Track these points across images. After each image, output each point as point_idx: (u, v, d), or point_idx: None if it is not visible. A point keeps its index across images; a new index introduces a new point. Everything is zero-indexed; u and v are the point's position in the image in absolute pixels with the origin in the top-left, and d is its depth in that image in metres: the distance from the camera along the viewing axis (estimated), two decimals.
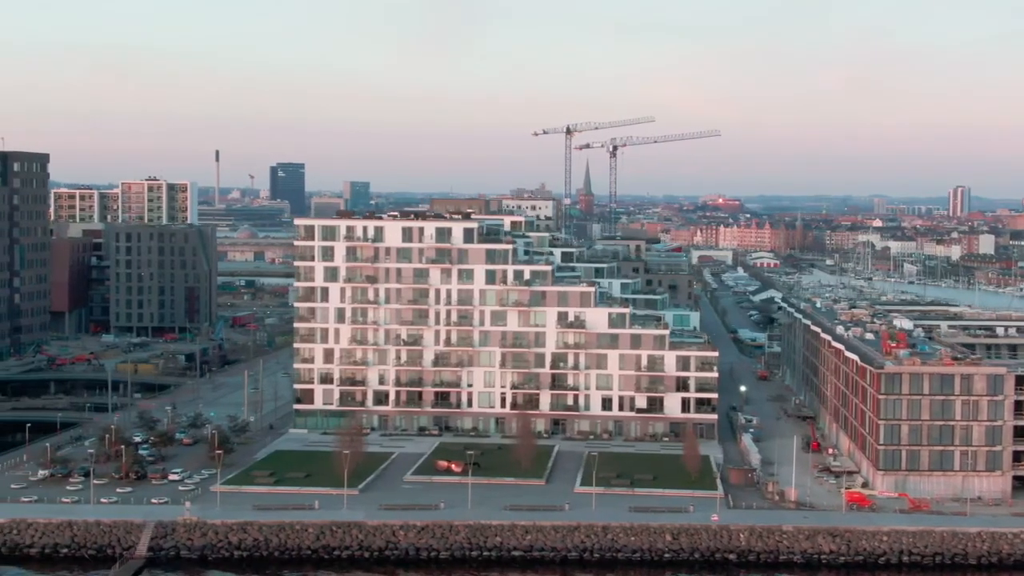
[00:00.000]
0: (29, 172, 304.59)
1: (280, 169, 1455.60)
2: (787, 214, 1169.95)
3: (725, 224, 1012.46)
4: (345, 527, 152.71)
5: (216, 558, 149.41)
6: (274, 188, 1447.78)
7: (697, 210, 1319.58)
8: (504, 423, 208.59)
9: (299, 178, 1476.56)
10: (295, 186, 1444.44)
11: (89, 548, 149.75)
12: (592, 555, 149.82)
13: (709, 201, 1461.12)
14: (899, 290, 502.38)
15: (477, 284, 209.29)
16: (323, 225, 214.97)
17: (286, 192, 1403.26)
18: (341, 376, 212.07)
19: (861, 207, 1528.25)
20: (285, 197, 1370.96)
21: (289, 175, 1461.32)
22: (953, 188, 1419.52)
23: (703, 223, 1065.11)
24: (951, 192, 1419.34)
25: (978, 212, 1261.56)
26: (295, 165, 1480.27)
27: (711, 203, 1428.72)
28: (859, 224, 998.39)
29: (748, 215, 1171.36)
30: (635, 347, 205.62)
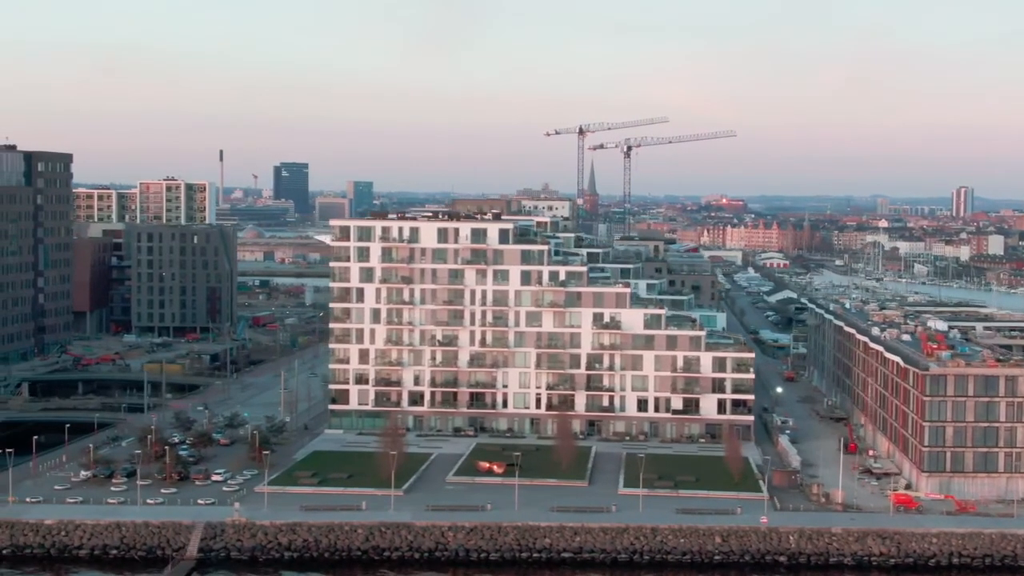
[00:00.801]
0: (53, 172, 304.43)
1: (284, 169, 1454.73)
2: (792, 214, 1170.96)
3: (731, 224, 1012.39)
4: (394, 528, 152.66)
5: (266, 559, 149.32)
6: (277, 187, 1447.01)
7: (701, 210, 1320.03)
8: (539, 424, 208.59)
9: (303, 178, 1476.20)
10: (299, 186, 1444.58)
11: (139, 549, 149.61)
12: (642, 557, 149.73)
13: (713, 201, 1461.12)
14: (912, 291, 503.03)
15: (512, 285, 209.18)
16: (359, 226, 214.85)
17: (289, 192, 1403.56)
18: (376, 377, 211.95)
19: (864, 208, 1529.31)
20: (288, 197, 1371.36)
21: (293, 175, 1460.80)
22: (956, 188, 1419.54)
23: (708, 223, 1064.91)
24: (954, 192, 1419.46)
25: (982, 212, 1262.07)
26: (299, 165, 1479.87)
27: (715, 203, 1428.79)
28: (864, 224, 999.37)
29: (753, 215, 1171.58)
30: (671, 348, 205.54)
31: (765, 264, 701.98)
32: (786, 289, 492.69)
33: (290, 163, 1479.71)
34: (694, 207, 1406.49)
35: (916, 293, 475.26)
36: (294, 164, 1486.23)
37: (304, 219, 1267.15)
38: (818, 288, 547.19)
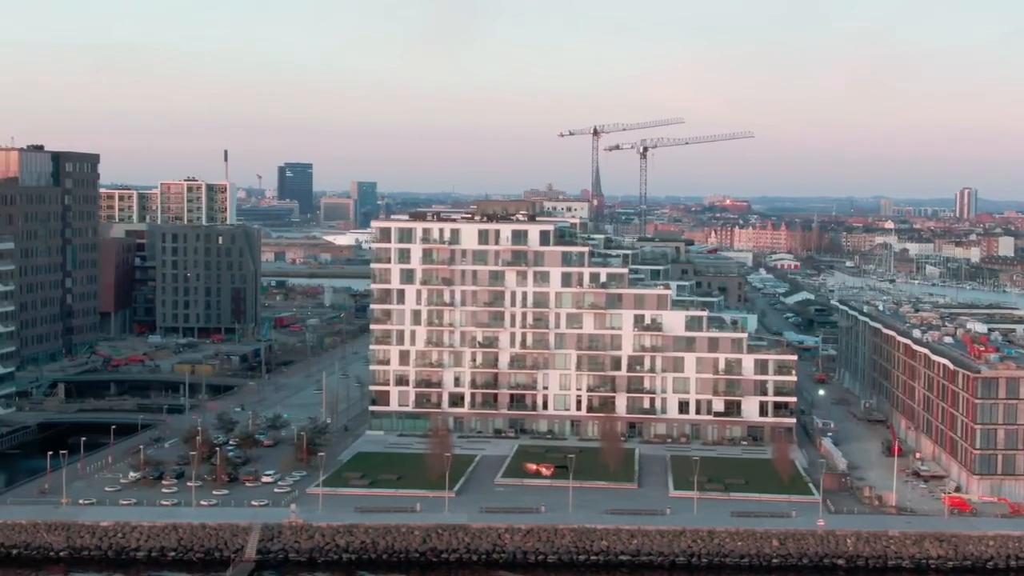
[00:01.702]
0: (80, 172, 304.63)
1: (288, 169, 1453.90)
2: (797, 215, 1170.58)
3: (738, 225, 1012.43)
4: (450, 530, 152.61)
5: (325, 561, 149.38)
6: (282, 188, 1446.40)
7: (705, 211, 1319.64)
8: (580, 426, 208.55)
9: (307, 178, 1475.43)
10: (303, 186, 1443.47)
11: (196, 551, 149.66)
12: (699, 560, 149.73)
13: (716, 202, 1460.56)
14: (926, 292, 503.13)
15: (553, 286, 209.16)
16: (399, 227, 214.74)
17: (293, 192, 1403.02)
18: (417, 378, 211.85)
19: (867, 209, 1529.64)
20: (292, 197, 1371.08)
21: (297, 175, 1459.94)
22: (960, 190, 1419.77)
23: (714, 224, 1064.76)
24: (958, 194, 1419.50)
25: (987, 214, 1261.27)
26: (303, 165, 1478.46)
27: (719, 204, 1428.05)
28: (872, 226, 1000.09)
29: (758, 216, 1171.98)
30: (712, 350, 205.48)
31: (776, 265, 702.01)
32: (803, 291, 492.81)
33: (294, 163, 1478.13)
34: (698, 208, 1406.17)
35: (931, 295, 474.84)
36: (298, 164, 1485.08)
37: (308, 219, 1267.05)
38: (832, 289, 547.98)
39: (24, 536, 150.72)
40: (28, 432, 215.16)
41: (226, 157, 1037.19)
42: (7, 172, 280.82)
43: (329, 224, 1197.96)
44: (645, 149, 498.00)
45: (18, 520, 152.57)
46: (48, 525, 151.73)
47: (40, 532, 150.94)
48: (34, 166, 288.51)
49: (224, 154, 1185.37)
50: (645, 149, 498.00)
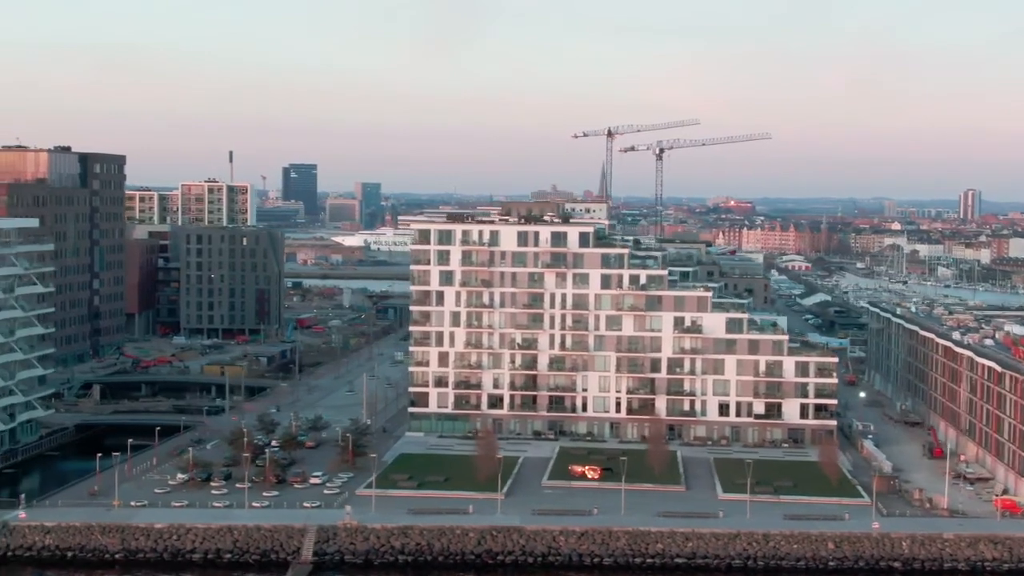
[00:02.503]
0: (107, 174, 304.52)
1: (293, 170, 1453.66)
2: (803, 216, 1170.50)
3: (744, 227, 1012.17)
4: (505, 532, 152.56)
5: (381, 563, 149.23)
6: (286, 188, 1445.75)
7: (710, 212, 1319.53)
8: (619, 428, 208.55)
9: (311, 179, 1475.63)
10: (307, 187, 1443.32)
11: (252, 553, 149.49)
12: (755, 563, 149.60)
13: (721, 204, 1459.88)
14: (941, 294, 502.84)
15: (592, 288, 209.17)
16: (439, 229, 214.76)
17: (298, 193, 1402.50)
18: (456, 379, 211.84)
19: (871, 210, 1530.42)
20: (297, 198, 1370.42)
21: (301, 176, 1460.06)
22: (964, 191, 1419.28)
23: (720, 225, 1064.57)
24: (962, 195, 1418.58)
25: (991, 215, 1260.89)
26: (307, 166, 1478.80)
27: (723, 205, 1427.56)
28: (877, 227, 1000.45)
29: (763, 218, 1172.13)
30: (753, 352, 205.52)
31: (787, 267, 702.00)
32: (819, 292, 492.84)
33: (298, 164, 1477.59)
34: (702, 209, 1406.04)
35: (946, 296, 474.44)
36: (302, 165, 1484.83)
37: (313, 220, 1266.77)
38: (846, 291, 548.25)
39: (79, 538, 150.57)
40: (66, 433, 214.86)
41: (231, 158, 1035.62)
42: (36, 173, 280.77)
43: (335, 225, 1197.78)
44: (661, 151, 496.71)
45: (72, 522, 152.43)
46: (102, 527, 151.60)
47: (95, 534, 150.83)
48: (63, 167, 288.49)
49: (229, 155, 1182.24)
50: (661, 151, 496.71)
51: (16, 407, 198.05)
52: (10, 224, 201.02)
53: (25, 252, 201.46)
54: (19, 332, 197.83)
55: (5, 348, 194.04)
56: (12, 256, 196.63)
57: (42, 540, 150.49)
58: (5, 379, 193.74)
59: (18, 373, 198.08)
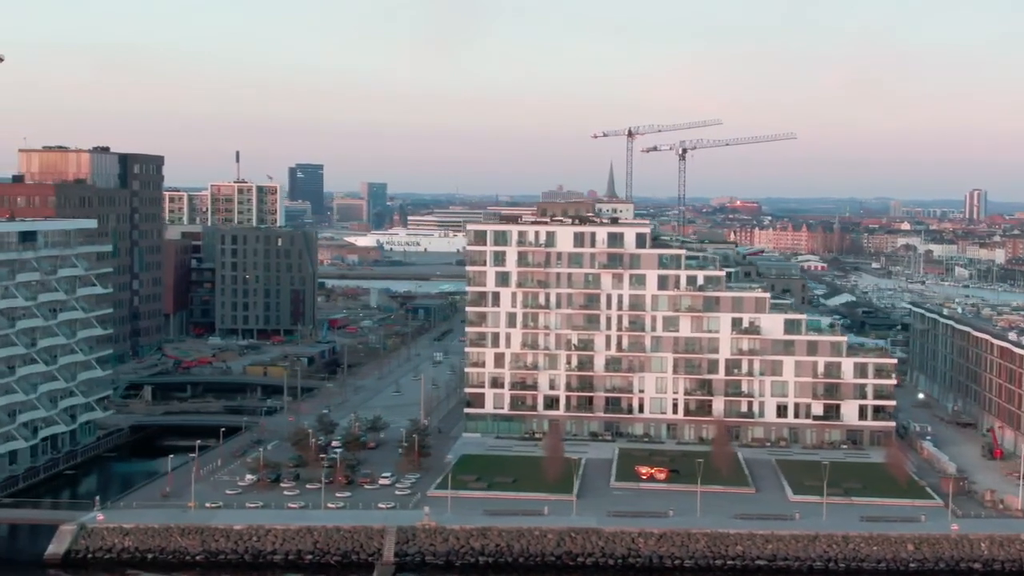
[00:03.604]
0: (146, 174, 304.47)
1: (299, 170, 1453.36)
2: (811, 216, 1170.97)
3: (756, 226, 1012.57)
4: (584, 534, 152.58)
5: (462, 564, 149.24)
6: (293, 189, 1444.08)
7: (716, 212, 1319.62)
8: (676, 429, 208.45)
9: (318, 179, 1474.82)
10: (314, 187, 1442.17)
11: (333, 554, 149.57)
12: (836, 565, 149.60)
13: (727, 203, 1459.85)
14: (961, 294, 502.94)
15: (649, 289, 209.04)
16: (495, 230, 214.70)
17: (305, 193, 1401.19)
18: (512, 380, 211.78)
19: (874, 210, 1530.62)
20: (304, 198, 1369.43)
21: (308, 176, 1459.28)
22: (970, 191, 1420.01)
23: (729, 225, 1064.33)
24: (968, 195, 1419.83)
25: (998, 215, 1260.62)
26: (314, 166, 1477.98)
27: (729, 206, 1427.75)
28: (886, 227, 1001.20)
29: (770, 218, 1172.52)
30: (811, 354, 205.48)
31: (804, 267, 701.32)
32: (843, 293, 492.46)
33: (305, 164, 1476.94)
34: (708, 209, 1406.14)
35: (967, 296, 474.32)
36: (309, 165, 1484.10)
37: (320, 220, 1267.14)
38: (866, 291, 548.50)
39: (158, 540, 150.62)
40: (121, 434, 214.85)
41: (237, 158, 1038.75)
42: (78, 173, 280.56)
43: (342, 225, 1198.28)
44: (684, 151, 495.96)
45: (150, 524, 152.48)
46: (181, 529, 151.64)
47: (174, 536, 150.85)
48: (104, 168, 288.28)
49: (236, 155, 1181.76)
50: (684, 151, 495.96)
51: (77, 408, 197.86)
52: (71, 225, 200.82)
53: (84, 253, 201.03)
54: (80, 333, 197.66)
55: (67, 349, 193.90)
56: (73, 257, 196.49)
57: (121, 542, 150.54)
58: (67, 380, 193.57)
59: (79, 374, 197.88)
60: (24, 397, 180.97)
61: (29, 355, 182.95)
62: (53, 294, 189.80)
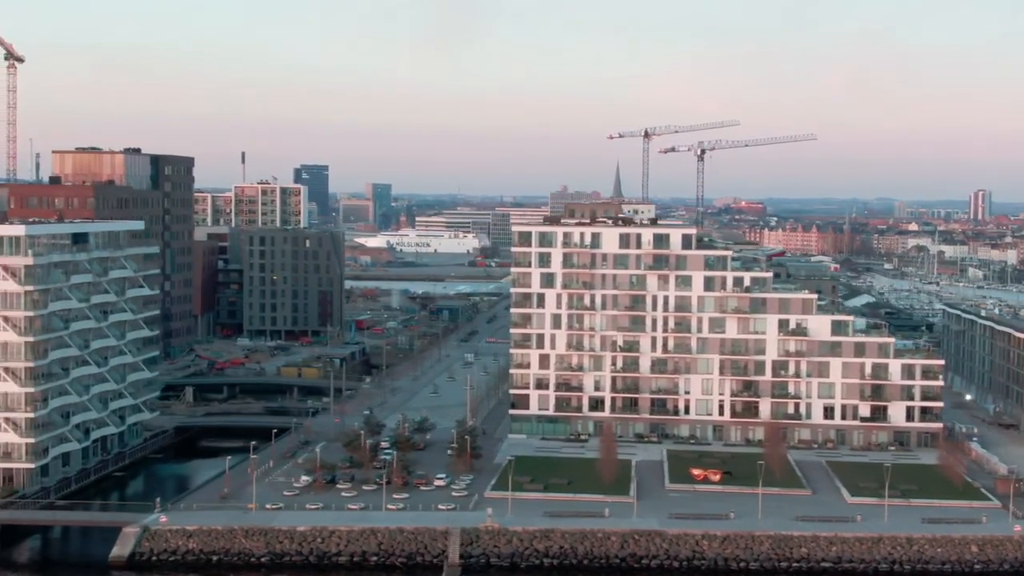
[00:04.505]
0: (178, 175, 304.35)
1: (304, 171, 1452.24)
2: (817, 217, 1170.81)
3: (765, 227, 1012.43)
4: (647, 536, 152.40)
5: (527, 566, 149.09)
6: None
7: (722, 213, 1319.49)
8: (722, 431, 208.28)
9: (323, 180, 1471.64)
10: (319, 188, 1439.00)
11: (398, 556, 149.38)
12: (901, 567, 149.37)
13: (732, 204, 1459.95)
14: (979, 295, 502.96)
15: (695, 290, 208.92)
16: (540, 231, 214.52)
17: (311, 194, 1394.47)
18: (557, 381, 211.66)
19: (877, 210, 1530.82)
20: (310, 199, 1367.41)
21: (313, 177, 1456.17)
22: (974, 192, 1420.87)
23: (736, 226, 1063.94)
24: (972, 196, 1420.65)
25: (1004, 216, 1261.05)
26: (319, 167, 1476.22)
27: (734, 206, 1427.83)
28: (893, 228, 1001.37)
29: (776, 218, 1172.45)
30: (859, 355, 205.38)
31: None
32: (862, 294, 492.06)
33: (310, 165, 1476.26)
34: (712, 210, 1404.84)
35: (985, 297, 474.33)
36: (314, 166, 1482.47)
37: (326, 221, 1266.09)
38: (882, 292, 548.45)
39: (222, 542, 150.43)
40: (166, 436, 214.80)
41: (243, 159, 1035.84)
42: (112, 175, 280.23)
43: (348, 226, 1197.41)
44: (703, 151, 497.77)
45: (213, 526, 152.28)
46: (245, 530, 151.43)
47: (238, 537, 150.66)
48: (136, 169, 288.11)
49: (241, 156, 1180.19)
50: (703, 151, 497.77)
51: (126, 410, 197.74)
52: (120, 227, 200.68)
53: (133, 255, 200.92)
54: (129, 335, 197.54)
55: (116, 351, 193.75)
56: (123, 258, 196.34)
57: (185, 544, 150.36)
58: (117, 382, 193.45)
59: (128, 376, 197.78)
60: (77, 399, 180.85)
61: (82, 357, 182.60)
62: (104, 296, 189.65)
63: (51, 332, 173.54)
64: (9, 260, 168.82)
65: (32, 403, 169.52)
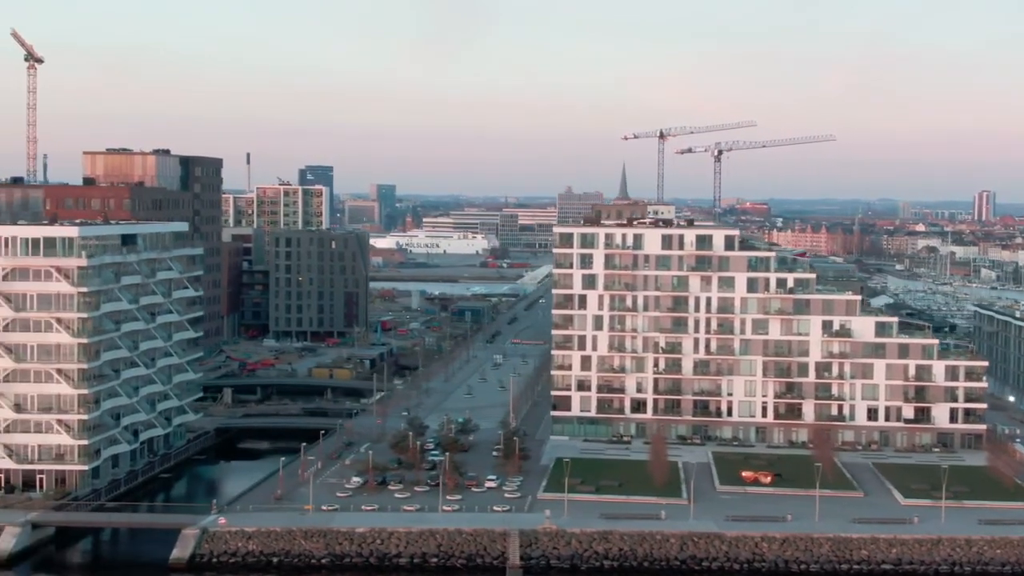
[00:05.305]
0: (207, 177, 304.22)
1: (309, 172, 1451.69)
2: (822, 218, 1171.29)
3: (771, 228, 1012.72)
4: (706, 538, 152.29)
5: (587, 568, 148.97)
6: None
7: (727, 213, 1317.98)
8: (766, 432, 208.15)
9: (328, 181, 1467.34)
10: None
11: (458, 557, 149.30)
12: (961, 569, 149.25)
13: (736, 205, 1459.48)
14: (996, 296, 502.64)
15: (738, 292, 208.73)
16: (582, 233, 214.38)
17: None
18: (599, 383, 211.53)
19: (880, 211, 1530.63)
20: None
21: (318, 177, 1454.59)
22: (978, 192, 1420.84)
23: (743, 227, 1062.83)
24: (976, 196, 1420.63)
25: (1009, 216, 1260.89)
26: (324, 168, 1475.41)
27: (739, 207, 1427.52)
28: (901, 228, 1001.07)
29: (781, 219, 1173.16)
30: (902, 356, 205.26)
31: None
32: (881, 295, 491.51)
33: (315, 166, 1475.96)
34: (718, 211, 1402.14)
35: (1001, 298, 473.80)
36: (319, 167, 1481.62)
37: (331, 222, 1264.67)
38: (897, 292, 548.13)
39: (282, 543, 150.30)
40: (208, 437, 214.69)
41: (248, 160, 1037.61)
42: (143, 176, 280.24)
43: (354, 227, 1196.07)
44: (720, 152, 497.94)
45: (273, 527, 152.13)
46: (304, 532, 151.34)
47: (297, 539, 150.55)
48: (167, 170, 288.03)
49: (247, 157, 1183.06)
50: (720, 152, 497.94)
51: (171, 411, 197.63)
52: (166, 228, 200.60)
53: (179, 256, 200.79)
54: (175, 336, 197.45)
55: (163, 352, 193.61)
56: (169, 259, 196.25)
57: (245, 546, 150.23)
58: (163, 383, 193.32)
59: (174, 377, 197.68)
60: (127, 400, 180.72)
61: (131, 358, 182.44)
62: (152, 297, 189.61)
63: (103, 334, 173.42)
64: (62, 261, 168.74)
65: (85, 405, 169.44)
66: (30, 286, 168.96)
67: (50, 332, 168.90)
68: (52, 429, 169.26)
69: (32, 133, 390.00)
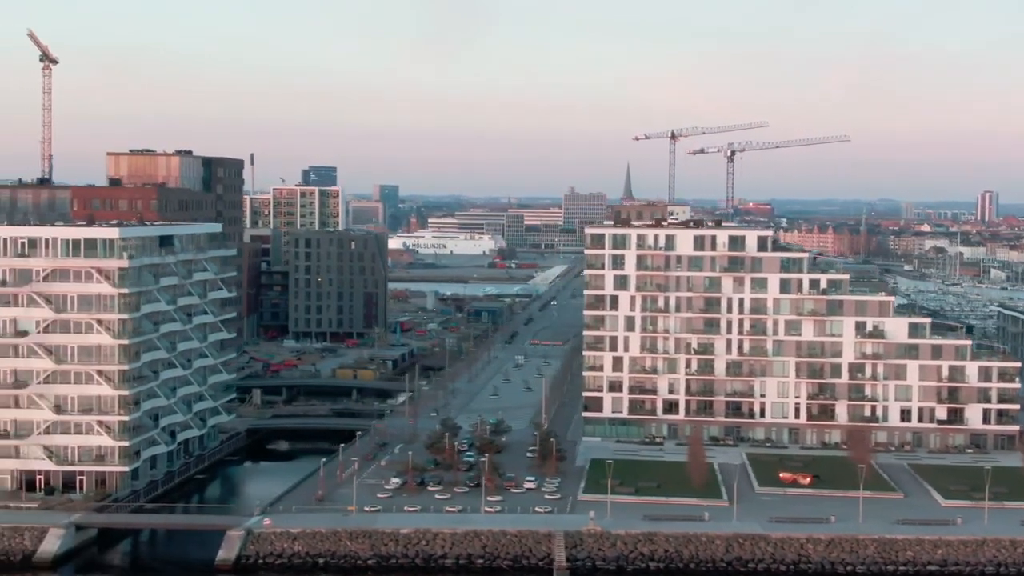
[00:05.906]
0: (229, 178, 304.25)
1: (313, 172, 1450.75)
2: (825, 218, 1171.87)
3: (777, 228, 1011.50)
4: (751, 539, 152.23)
5: (633, 569, 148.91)
6: None
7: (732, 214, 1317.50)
8: (798, 433, 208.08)
9: (331, 181, 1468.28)
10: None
11: (503, 558, 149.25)
12: (1007, 570, 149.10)
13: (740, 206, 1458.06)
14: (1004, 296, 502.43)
15: (771, 293, 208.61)
16: (613, 234, 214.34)
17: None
18: (630, 384, 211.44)
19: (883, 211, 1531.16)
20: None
21: (321, 178, 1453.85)
22: (981, 193, 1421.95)
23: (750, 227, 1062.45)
24: (980, 197, 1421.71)
25: (1012, 216, 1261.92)
26: (327, 168, 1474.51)
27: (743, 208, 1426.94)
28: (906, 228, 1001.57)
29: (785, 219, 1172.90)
30: (936, 357, 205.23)
31: None
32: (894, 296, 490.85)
33: (319, 166, 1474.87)
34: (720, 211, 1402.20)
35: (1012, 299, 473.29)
36: (322, 167, 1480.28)
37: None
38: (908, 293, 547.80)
39: (327, 544, 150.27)
40: (239, 438, 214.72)
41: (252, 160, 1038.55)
42: (167, 177, 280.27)
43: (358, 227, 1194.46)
44: (733, 153, 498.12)
45: (317, 528, 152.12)
46: (349, 533, 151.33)
47: (343, 540, 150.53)
48: (190, 171, 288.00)
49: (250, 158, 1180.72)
50: (733, 153, 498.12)
51: (206, 412, 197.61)
52: (201, 229, 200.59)
53: (214, 257, 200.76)
54: (211, 337, 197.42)
55: (199, 353, 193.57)
56: (204, 260, 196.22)
57: (291, 547, 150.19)
58: (199, 384, 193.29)
59: (209, 378, 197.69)
60: (165, 401, 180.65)
61: (169, 359, 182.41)
62: (189, 298, 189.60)
63: (143, 335, 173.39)
64: (103, 263, 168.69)
65: (125, 406, 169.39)
66: (71, 287, 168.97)
67: (91, 333, 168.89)
68: (93, 430, 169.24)
69: (48, 134, 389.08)
